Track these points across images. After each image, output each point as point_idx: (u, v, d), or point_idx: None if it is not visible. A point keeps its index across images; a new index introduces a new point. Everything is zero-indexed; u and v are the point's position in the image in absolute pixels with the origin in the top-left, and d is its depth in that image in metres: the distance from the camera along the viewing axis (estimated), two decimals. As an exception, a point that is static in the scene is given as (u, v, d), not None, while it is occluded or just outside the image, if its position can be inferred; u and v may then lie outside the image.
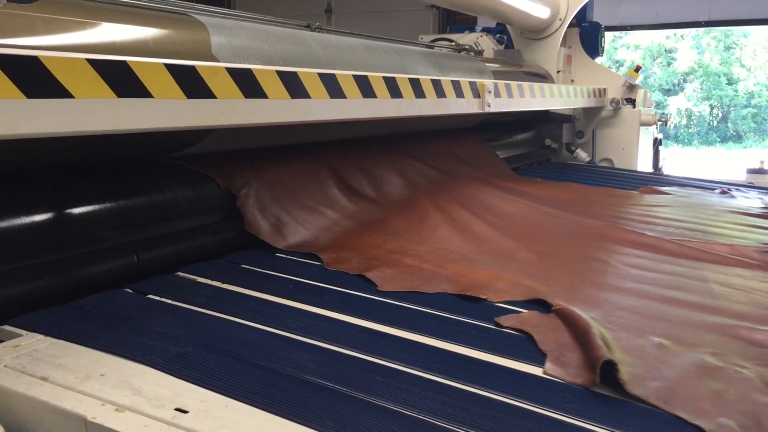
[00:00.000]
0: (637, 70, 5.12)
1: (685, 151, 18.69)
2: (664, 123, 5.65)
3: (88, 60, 1.30)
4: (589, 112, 5.04)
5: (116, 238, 1.86)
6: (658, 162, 5.70)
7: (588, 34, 5.18)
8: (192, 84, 1.53)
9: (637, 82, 5.03)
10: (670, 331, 1.58)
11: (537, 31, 4.92)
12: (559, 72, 4.96)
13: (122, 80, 1.36)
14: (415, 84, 2.44)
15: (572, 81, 5.16)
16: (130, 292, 1.70)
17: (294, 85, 1.84)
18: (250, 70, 1.71)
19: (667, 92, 20.68)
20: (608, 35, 5.67)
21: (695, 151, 19.09)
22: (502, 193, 3.18)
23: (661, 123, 5.51)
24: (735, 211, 3.17)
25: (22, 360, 1.26)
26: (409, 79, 2.41)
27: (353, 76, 2.10)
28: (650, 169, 5.41)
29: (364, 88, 2.15)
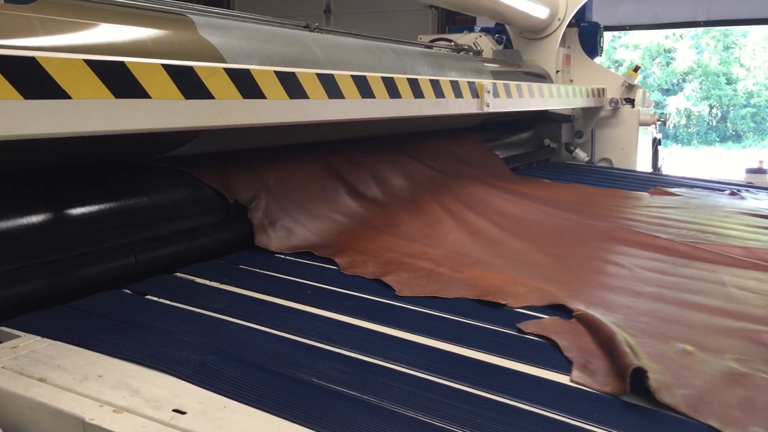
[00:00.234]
0: (636, 70, 5.12)
1: (685, 151, 18.69)
2: (663, 123, 5.64)
3: (86, 61, 1.29)
4: (588, 112, 5.04)
5: (114, 238, 1.85)
6: (657, 162, 5.70)
7: (587, 34, 5.18)
8: (190, 84, 1.53)
9: (636, 82, 5.03)
10: (693, 336, 1.56)
11: (536, 31, 4.92)
12: (558, 72, 4.96)
13: (120, 81, 1.36)
14: (414, 84, 2.44)
15: (571, 81, 5.15)
16: (129, 292, 1.70)
17: (292, 86, 1.84)
18: (248, 70, 1.71)
19: (666, 92, 20.69)
20: (607, 35, 5.66)
21: (694, 151, 19.10)
22: (510, 195, 3.16)
23: (660, 123, 5.50)
24: (746, 212, 3.14)
25: (19, 361, 1.26)
26: (408, 80, 2.41)
27: (352, 76, 2.09)
28: (649, 169, 5.41)
29: (363, 88, 2.15)
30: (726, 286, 1.98)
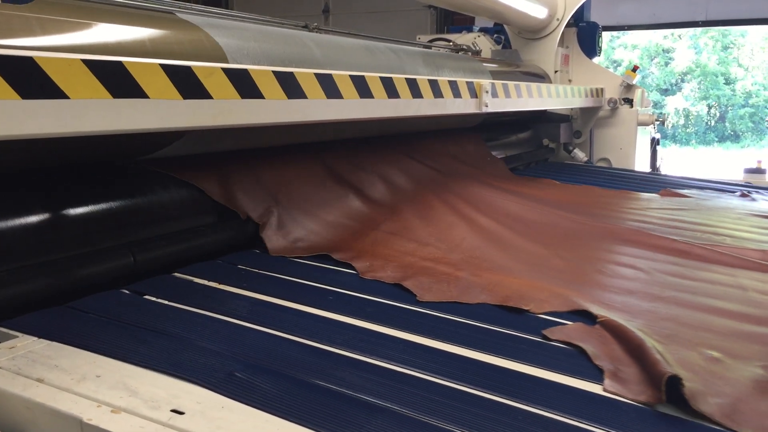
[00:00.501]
0: (635, 69, 5.13)
1: (683, 151, 18.71)
2: (662, 123, 5.66)
3: (84, 60, 1.29)
4: (587, 112, 5.05)
5: (113, 238, 1.85)
6: (655, 162, 5.71)
7: (585, 34, 5.19)
8: (188, 84, 1.52)
9: (634, 82, 5.03)
10: (719, 342, 1.53)
11: (534, 31, 4.92)
12: (556, 72, 4.96)
13: (118, 81, 1.36)
14: (412, 84, 2.44)
15: (570, 81, 5.16)
16: (127, 292, 1.69)
17: (291, 86, 1.84)
18: (246, 70, 1.71)
19: (665, 92, 20.71)
20: (606, 35, 5.67)
21: (693, 151, 19.12)
22: (520, 198, 3.13)
23: (658, 123, 5.51)
24: (759, 214, 3.11)
25: (17, 361, 1.25)
26: (406, 80, 2.41)
27: (350, 76, 2.09)
28: (648, 169, 5.41)
29: (361, 88, 2.15)
30: (747, 291, 1.95)
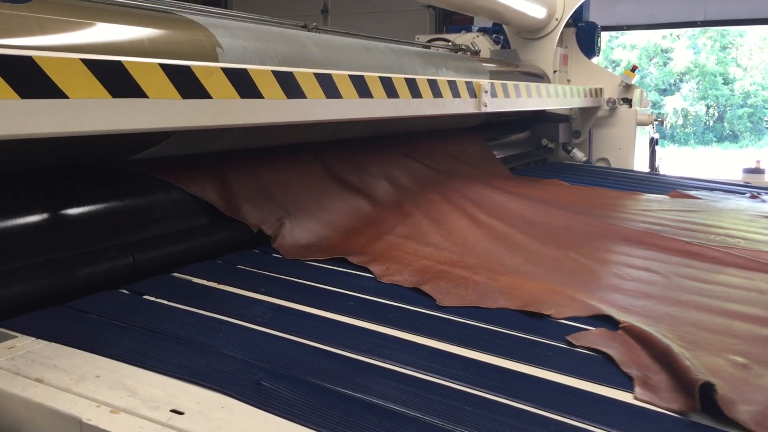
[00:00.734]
0: (634, 70, 5.13)
1: (682, 151, 18.72)
2: (661, 123, 5.66)
3: (83, 60, 1.29)
4: (586, 112, 5.05)
5: (111, 238, 1.85)
6: (654, 162, 5.71)
7: (584, 34, 5.19)
8: (187, 84, 1.52)
9: (633, 82, 5.03)
10: (744, 348, 1.50)
11: (533, 31, 4.92)
12: (555, 72, 4.96)
13: (117, 80, 1.35)
14: (412, 84, 2.44)
15: (569, 81, 5.16)
16: (126, 293, 1.69)
17: (290, 86, 1.84)
18: (245, 70, 1.70)
19: (664, 92, 20.74)
20: (604, 35, 5.68)
21: (691, 151, 19.14)
22: (529, 201, 3.12)
23: (657, 123, 5.52)
24: None
25: (16, 361, 1.25)
26: (406, 79, 2.41)
27: (349, 76, 2.09)
28: (647, 169, 5.41)
29: (361, 88, 2.15)
30: (765, 294, 1.92)
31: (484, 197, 3.06)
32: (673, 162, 9.75)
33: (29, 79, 1.19)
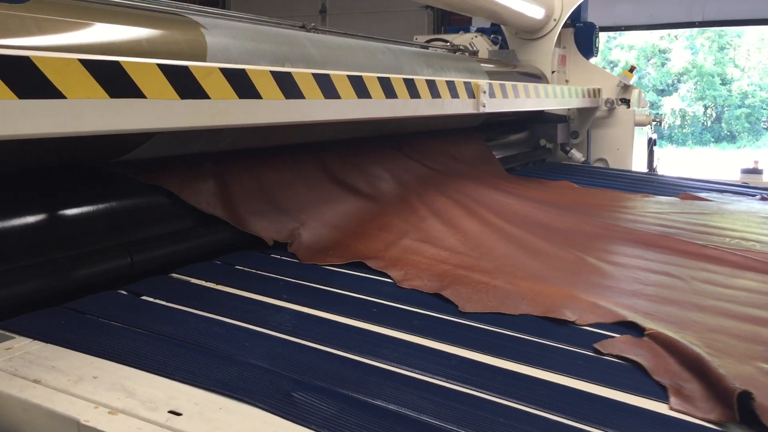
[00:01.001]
0: (632, 70, 5.14)
1: (679, 152, 18.75)
2: (659, 123, 5.67)
3: (81, 60, 1.29)
4: (584, 113, 5.05)
5: (109, 239, 1.84)
6: (652, 162, 5.72)
7: (582, 34, 5.19)
8: (185, 84, 1.52)
9: (631, 83, 5.04)
10: None
11: (531, 32, 4.92)
12: (553, 72, 4.97)
13: (115, 80, 1.35)
14: (410, 84, 2.44)
15: (567, 81, 5.16)
16: (124, 293, 1.69)
17: (288, 86, 1.84)
18: (243, 70, 1.70)
19: (661, 92, 20.77)
20: (602, 36, 5.69)
21: (689, 152, 19.16)
22: (540, 203, 3.09)
23: (655, 123, 5.52)
24: None
25: (14, 362, 1.25)
26: (404, 80, 2.41)
27: (348, 76, 2.09)
28: (645, 170, 5.42)
29: (359, 88, 2.15)
30: None
31: (492, 199, 3.04)
32: (671, 162, 9.76)
33: (27, 79, 1.19)
